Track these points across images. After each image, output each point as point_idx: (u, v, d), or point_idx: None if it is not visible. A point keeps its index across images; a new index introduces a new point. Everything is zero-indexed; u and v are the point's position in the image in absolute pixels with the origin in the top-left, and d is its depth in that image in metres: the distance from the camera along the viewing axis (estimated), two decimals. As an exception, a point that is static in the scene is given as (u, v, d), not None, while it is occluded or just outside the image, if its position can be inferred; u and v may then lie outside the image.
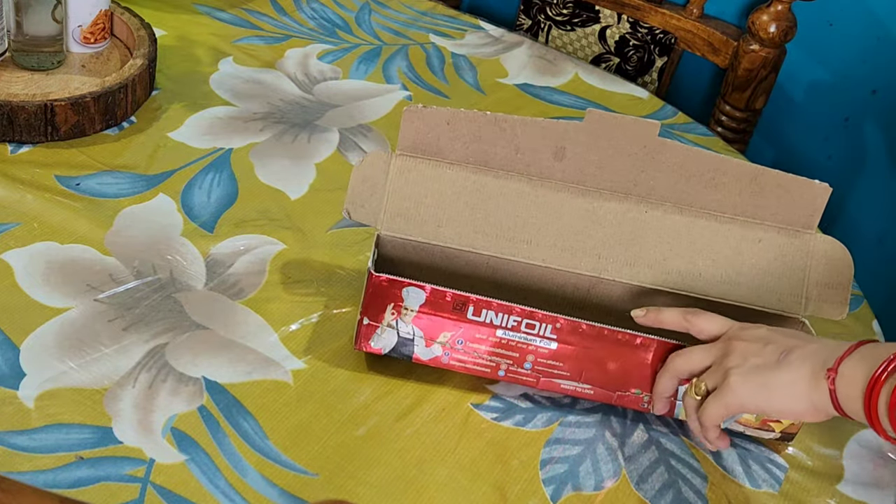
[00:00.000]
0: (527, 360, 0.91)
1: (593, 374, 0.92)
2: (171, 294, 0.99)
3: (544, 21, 1.72)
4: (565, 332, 0.90)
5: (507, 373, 0.92)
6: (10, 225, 1.03)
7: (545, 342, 0.90)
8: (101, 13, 1.24)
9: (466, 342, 0.91)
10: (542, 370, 0.92)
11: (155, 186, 1.12)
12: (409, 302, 0.90)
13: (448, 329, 0.91)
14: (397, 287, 0.89)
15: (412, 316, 0.90)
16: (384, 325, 0.91)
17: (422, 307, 0.90)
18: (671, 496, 0.89)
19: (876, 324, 1.12)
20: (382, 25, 1.50)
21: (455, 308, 0.90)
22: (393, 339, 0.91)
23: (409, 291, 0.89)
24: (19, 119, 1.12)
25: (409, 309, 0.90)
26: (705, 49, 1.57)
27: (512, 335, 0.90)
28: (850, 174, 1.61)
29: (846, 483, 0.94)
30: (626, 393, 0.92)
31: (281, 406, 0.91)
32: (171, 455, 0.85)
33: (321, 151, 1.22)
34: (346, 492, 0.85)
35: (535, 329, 0.90)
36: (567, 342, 0.90)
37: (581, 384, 0.92)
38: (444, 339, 0.91)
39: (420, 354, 0.92)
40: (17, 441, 0.84)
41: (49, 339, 0.92)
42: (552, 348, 0.91)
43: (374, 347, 0.92)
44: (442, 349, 0.91)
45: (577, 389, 0.92)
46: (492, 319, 0.90)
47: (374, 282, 0.89)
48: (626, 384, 0.92)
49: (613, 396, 0.92)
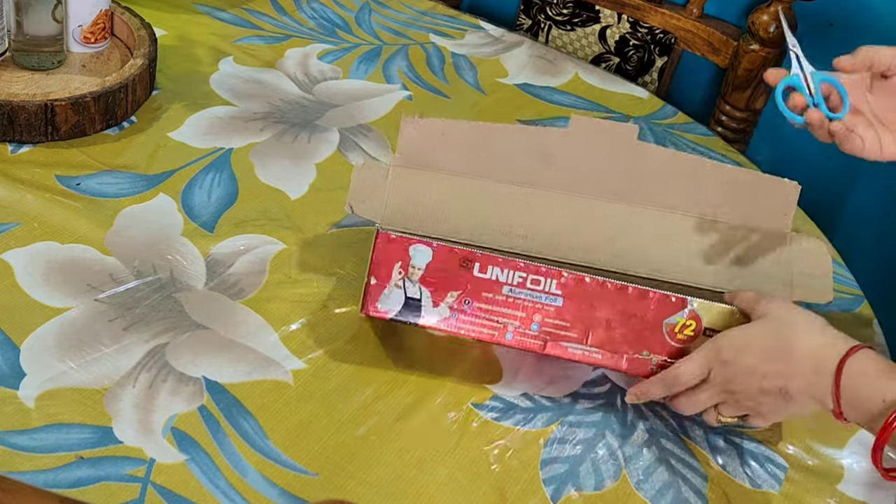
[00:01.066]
0: (534, 320, 0.92)
1: (600, 334, 0.92)
2: (172, 294, 0.99)
3: (544, 21, 1.72)
4: (570, 287, 0.92)
5: (514, 335, 0.92)
6: (11, 225, 1.03)
7: (551, 299, 0.92)
8: (102, 13, 1.24)
9: (473, 302, 0.92)
10: (549, 331, 0.92)
11: (155, 186, 1.12)
12: (417, 260, 0.91)
13: (455, 288, 0.91)
14: (404, 244, 0.91)
15: (419, 275, 0.91)
16: (391, 285, 0.92)
17: (429, 265, 0.91)
18: (671, 496, 0.89)
19: (876, 323, 1.12)
20: (382, 25, 1.50)
21: (462, 265, 0.91)
22: (400, 300, 0.92)
23: (417, 249, 0.91)
24: (20, 119, 1.12)
25: (416, 267, 0.91)
26: (705, 49, 1.57)
27: (518, 292, 0.92)
28: (850, 174, 1.61)
29: (846, 483, 0.94)
30: (635, 356, 0.92)
31: (281, 406, 0.91)
32: (172, 455, 0.85)
33: (321, 151, 1.22)
34: (346, 492, 0.85)
35: (541, 285, 0.92)
36: (572, 298, 0.92)
37: (589, 348, 0.92)
38: (451, 300, 0.92)
39: (427, 317, 0.92)
40: (17, 441, 0.84)
41: (49, 339, 0.92)
42: (558, 305, 0.92)
43: (381, 310, 0.92)
44: (449, 310, 0.92)
45: (584, 354, 0.93)
46: (497, 276, 0.91)
47: (383, 239, 0.91)
48: (633, 345, 0.92)
49: (622, 361, 0.92)
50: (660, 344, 0.92)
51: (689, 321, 0.92)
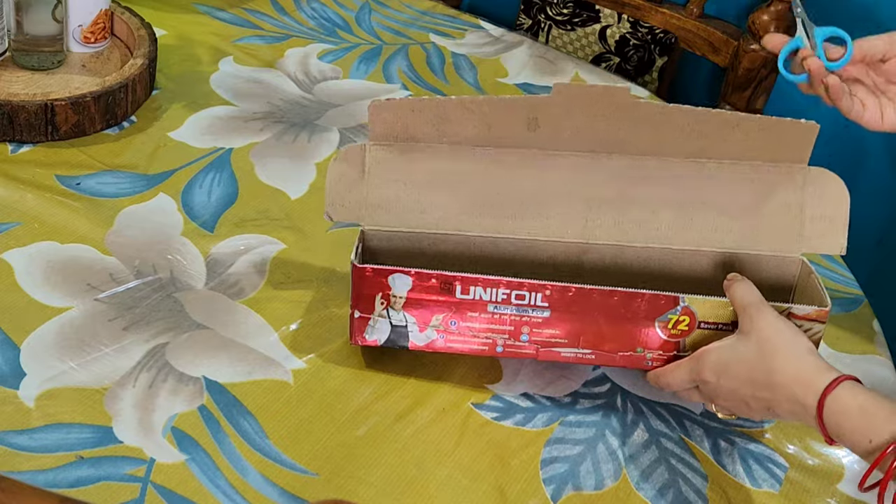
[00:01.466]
0: (522, 332, 0.91)
1: (591, 338, 0.91)
2: (172, 294, 0.99)
3: (544, 21, 1.72)
4: (556, 298, 0.90)
5: (504, 348, 0.92)
6: (11, 225, 1.03)
7: (538, 311, 0.90)
8: (102, 13, 1.24)
9: (459, 322, 0.91)
10: (539, 341, 0.91)
11: (155, 186, 1.12)
12: (397, 289, 0.90)
13: (439, 312, 0.91)
14: (383, 275, 0.90)
15: (402, 303, 0.90)
16: (376, 316, 0.91)
17: (410, 292, 0.90)
18: (671, 496, 0.89)
19: (876, 323, 1.12)
20: (382, 25, 1.50)
21: (442, 289, 0.90)
22: (386, 329, 0.91)
23: (396, 278, 0.90)
24: (20, 119, 1.12)
25: (397, 296, 0.90)
26: (706, 49, 1.57)
27: (504, 309, 0.90)
28: (850, 174, 1.61)
29: (846, 483, 0.94)
30: (628, 353, 0.92)
31: (281, 406, 0.91)
32: (172, 455, 0.85)
33: (321, 151, 1.22)
34: (346, 492, 0.85)
35: (526, 299, 0.90)
36: (559, 309, 0.90)
37: (581, 350, 0.92)
38: (436, 323, 0.91)
39: (416, 341, 0.92)
40: (17, 441, 0.84)
41: (49, 339, 0.92)
42: (545, 316, 0.90)
43: (370, 340, 0.92)
44: (437, 333, 0.91)
45: (577, 356, 0.92)
46: (481, 296, 0.90)
47: (359, 273, 0.89)
48: (625, 344, 0.91)
49: (616, 358, 0.92)
50: (654, 340, 0.91)
51: (682, 317, 0.90)
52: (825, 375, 0.81)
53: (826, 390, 0.80)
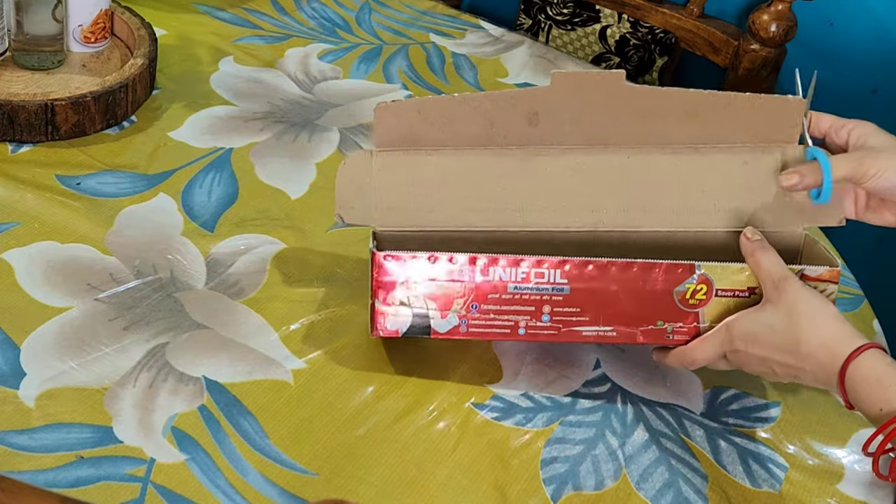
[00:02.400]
0: (543, 311, 0.92)
1: (612, 313, 0.92)
2: (172, 293, 0.99)
3: (545, 21, 1.72)
4: (575, 275, 0.91)
5: (527, 330, 0.92)
6: (11, 225, 1.03)
7: (557, 288, 0.91)
8: (102, 13, 1.24)
9: (480, 305, 0.91)
10: (560, 320, 0.92)
11: (155, 186, 1.12)
12: (416, 275, 0.90)
13: (460, 295, 0.91)
14: (401, 262, 0.90)
15: (422, 289, 0.91)
16: (396, 305, 0.91)
17: (429, 278, 0.91)
18: (671, 496, 0.89)
19: (876, 323, 1.12)
20: (383, 25, 1.50)
21: (462, 271, 0.90)
22: (408, 317, 0.92)
23: (414, 264, 0.90)
24: (20, 118, 1.12)
25: (417, 283, 0.91)
26: (706, 48, 1.57)
27: (524, 287, 0.91)
28: (850, 174, 1.61)
29: (846, 483, 0.94)
30: (650, 328, 0.92)
31: (281, 406, 0.91)
32: (172, 454, 0.85)
33: (321, 151, 1.22)
34: (346, 492, 0.85)
35: (545, 277, 0.91)
36: (579, 285, 0.91)
37: (602, 327, 0.92)
38: (458, 307, 0.91)
39: (437, 329, 0.92)
40: (17, 440, 0.84)
41: (49, 339, 0.92)
42: (566, 293, 0.91)
43: (391, 330, 0.92)
44: (458, 318, 0.92)
45: (599, 334, 0.92)
46: (500, 276, 0.91)
47: (378, 261, 0.90)
48: (646, 318, 0.92)
49: (637, 334, 0.93)
50: (673, 312, 0.92)
51: (699, 286, 0.91)
52: (849, 343, 0.85)
53: (849, 358, 0.84)
